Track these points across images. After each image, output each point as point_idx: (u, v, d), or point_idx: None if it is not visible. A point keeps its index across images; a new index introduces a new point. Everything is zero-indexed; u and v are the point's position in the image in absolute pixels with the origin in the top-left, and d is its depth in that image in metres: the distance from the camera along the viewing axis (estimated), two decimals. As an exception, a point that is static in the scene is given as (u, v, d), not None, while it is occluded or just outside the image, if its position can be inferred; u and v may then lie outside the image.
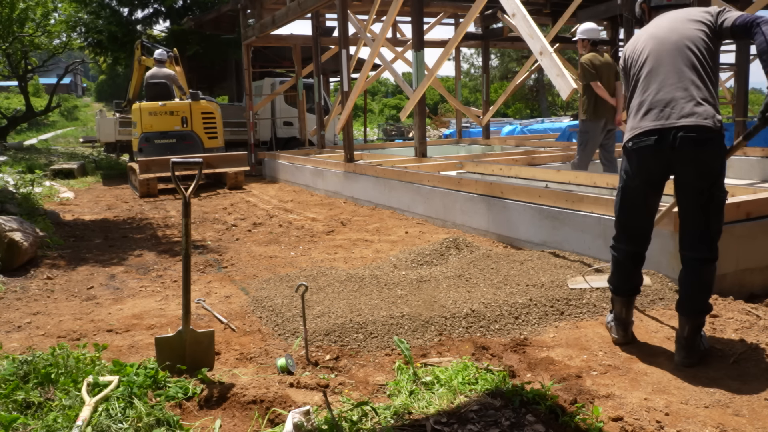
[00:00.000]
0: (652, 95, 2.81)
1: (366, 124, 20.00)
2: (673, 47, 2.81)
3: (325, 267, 4.74)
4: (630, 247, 3.05)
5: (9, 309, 3.99)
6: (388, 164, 8.14)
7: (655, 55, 2.85)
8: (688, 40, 2.79)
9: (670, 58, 2.80)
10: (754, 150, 8.25)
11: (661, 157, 2.77)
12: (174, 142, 10.68)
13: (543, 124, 19.37)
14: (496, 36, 13.43)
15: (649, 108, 2.80)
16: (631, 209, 3.00)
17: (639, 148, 2.82)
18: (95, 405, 2.28)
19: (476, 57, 39.97)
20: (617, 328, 3.11)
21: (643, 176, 2.88)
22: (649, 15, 3.11)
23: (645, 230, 3.04)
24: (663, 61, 2.81)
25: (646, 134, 2.78)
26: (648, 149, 2.78)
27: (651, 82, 2.83)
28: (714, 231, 2.81)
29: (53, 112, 30.64)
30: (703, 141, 2.69)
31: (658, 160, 2.80)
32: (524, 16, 5.64)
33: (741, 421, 2.33)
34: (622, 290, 3.10)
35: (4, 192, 7.54)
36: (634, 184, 2.92)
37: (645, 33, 2.98)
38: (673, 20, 2.90)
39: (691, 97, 2.72)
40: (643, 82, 2.87)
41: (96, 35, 17.72)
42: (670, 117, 2.72)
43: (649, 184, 2.91)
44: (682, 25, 2.84)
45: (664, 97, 2.77)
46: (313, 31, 11.91)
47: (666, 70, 2.79)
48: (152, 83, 11.03)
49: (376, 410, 2.35)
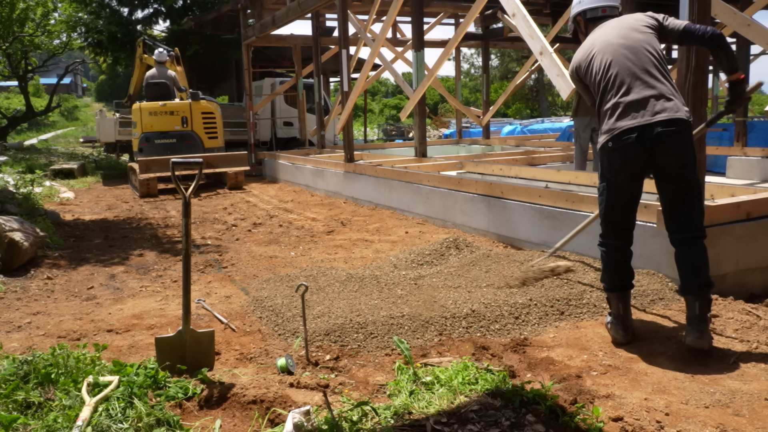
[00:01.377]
0: (623, 96, 2.98)
1: (366, 124, 20.02)
2: (631, 51, 3.01)
3: (325, 267, 4.74)
4: (618, 241, 3.19)
5: (9, 309, 3.99)
6: (388, 164, 8.14)
7: (617, 59, 3.02)
8: (645, 43, 3.03)
9: (632, 61, 2.99)
10: (754, 150, 8.25)
11: (642, 152, 2.96)
12: (174, 142, 10.69)
13: (543, 124, 19.37)
14: (496, 36, 13.43)
15: (624, 108, 2.98)
16: (617, 205, 3.13)
17: (621, 146, 2.99)
18: (95, 405, 2.28)
19: (476, 57, 39.99)
20: (617, 327, 3.13)
21: (627, 173, 3.05)
22: (586, 27, 3.33)
23: (631, 224, 3.20)
24: (626, 65, 3.00)
25: (626, 132, 2.96)
26: (629, 147, 2.96)
27: (620, 85, 3.00)
28: (699, 211, 3.01)
29: (53, 112, 30.64)
30: (680, 132, 2.91)
31: (639, 156, 2.98)
32: (524, 16, 5.64)
33: (741, 421, 2.33)
34: (615, 285, 3.18)
35: (4, 192, 7.54)
36: (618, 180, 3.08)
37: (596, 42, 3.15)
38: (619, 28, 3.12)
39: (660, 94, 2.94)
40: (611, 85, 3.03)
41: (96, 35, 17.72)
42: (645, 115, 2.92)
43: (631, 180, 3.07)
44: (632, 32, 3.07)
45: (635, 97, 2.95)
46: (313, 31, 11.92)
47: (631, 73, 2.98)
48: (152, 83, 11.04)
49: (376, 410, 2.35)
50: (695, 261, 2.98)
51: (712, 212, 3.85)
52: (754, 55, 13.36)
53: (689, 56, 3.70)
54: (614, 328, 3.14)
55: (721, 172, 8.68)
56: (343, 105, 9.21)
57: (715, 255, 3.78)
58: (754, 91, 3.23)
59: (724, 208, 3.89)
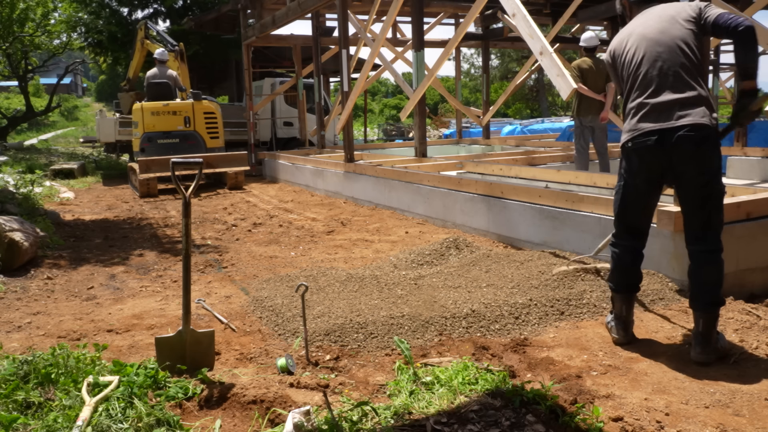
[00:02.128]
0: (650, 97, 2.89)
1: (366, 124, 20.01)
2: (666, 49, 2.89)
3: (325, 267, 4.74)
4: (630, 243, 3.13)
5: (9, 309, 3.99)
6: (388, 164, 8.14)
7: (649, 56, 2.92)
8: (680, 41, 2.88)
9: (665, 60, 2.88)
10: (755, 150, 8.25)
11: (661, 156, 2.86)
12: (177, 141, 10.69)
13: (543, 124, 19.37)
14: (497, 36, 13.43)
15: (649, 110, 2.89)
16: (631, 207, 3.07)
17: (639, 148, 2.91)
18: (95, 405, 2.28)
19: (476, 57, 39.98)
20: (617, 327, 3.12)
21: (643, 175, 2.97)
22: (631, 11, 3.20)
23: (644, 227, 3.12)
24: (657, 63, 2.89)
25: (647, 135, 2.88)
26: (648, 149, 2.88)
27: (648, 84, 2.91)
28: (716, 223, 2.90)
29: (53, 112, 30.66)
30: (701, 139, 2.79)
31: (658, 160, 2.89)
32: (524, 16, 5.64)
33: (741, 421, 2.33)
34: (622, 287, 3.15)
35: (4, 192, 7.54)
36: (635, 182, 3.01)
37: (634, 32, 3.03)
38: (661, 19, 2.97)
39: (687, 98, 2.82)
40: (639, 84, 2.95)
41: (96, 35, 17.73)
42: (669, 118, 2.82)
43: (649, 183, 2.99)
44: (672, 25, 2.92)
45: (661, 99, 2.86)
46: (314, 31, 11.91)
47: (661, 74, 2.88)
48: (154, 83, 11.00)
49: (376, 410, 2.35)
50: (707, 279, 2.89)
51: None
52: (754, 55, 13.33)
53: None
54: (615, 328, 3.14)
55: (722, 172, 8.68)
56: (343, 105, 9.21)
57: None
58: (761, 105, 2.83)
59: (725, 209, 3.89)
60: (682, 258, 3.62)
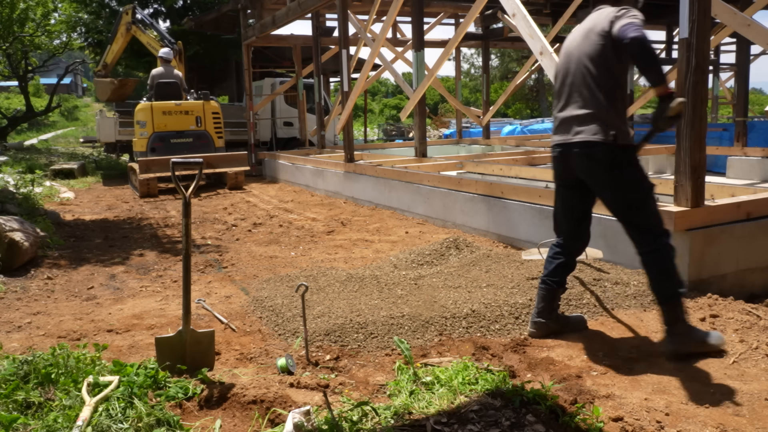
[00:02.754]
0: (560, 111, 3.08)
1: (366, 124, 20.02)
2: (575, 64, 3.00)
3: (325, 267, 4.74)
4: (558, 239, 3.27)
5: (9, 309, 3.99)
6: (388, 164, 8.14)
7: (563, 71, 3.08)
8: (585, 57, 2.95)
9: (573, 74, 3.00)
10: (755, 150, 8.26)
11: (568, 167, 3.08)
12: (191, 141, 10.68)
13: (543, 124, 19.36)
14: (497, 36, 13.43)
15: (558, 123, 3.09)
16: (557, 209, 3.26)
17: (553, 157, 3.17)
18: (95, 405, 2.28)
19: (476, 57, 39.99)
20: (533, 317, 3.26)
21: (560, 181, 3.20)
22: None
23: (568, 229, 3.21)
24: (567, 78, 3.04)
25: (555, 146, 3.12)
26: (556, 160, 3.14)
27: (559, 97, 3.10)
28: (643, 224, 2.94)
29: (53, 113, 30.62)
30: (591, 155, 2.92)
31: (566, 171, 3.11)
32: (524, 16, 5.65)
33: (741, 421, 2.33)
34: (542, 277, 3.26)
35: (4, 192, 7.54)
36: (556, 185, 3.25)
37: (566, 41, 3.17)
38: (579, 32, 3.06)
39: (582, 114, 2.94)
40: (555, 97, 3.15)
41: (96, 35, 17.72)
42: (568, 132, 3.00)
43: (568, 188, 3.17)
44: (584, 39, 2.98)
45: (565, 114, 3.03)
46: (314, 31, 11.92)
47: (568, 88, 3.03)
48: (163, 83, 10.89)
49: (377, 410, 2.35)
50: (648, 278, 2.96)
51: (713, 212, 3.85)
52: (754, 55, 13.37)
53: (689, 56, 3.70)
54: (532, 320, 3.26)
55: (721, 172, 8.69)
56: (343, 105, 9.21)
57: (715, 255, 3.79)
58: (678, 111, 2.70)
59: (724, 208, 3.90)
60: (682, 258, 3.62)
